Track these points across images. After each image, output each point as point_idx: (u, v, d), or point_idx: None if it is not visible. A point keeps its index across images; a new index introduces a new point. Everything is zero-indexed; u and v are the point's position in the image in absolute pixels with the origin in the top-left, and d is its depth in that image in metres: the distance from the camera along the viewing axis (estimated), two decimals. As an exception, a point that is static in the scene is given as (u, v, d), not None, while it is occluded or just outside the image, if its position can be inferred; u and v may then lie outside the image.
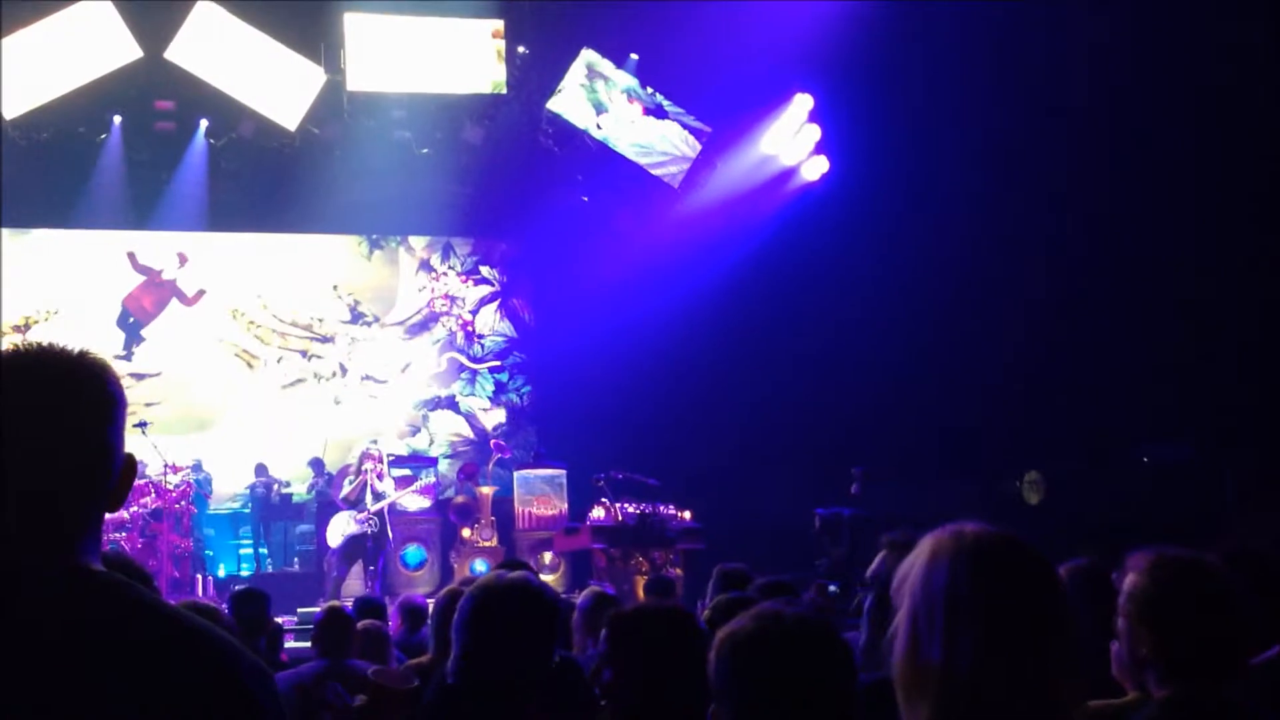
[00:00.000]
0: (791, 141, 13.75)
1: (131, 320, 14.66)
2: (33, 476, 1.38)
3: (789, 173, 13.95)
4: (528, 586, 2.56)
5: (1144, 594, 2.22)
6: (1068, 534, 9.03)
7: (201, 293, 14.84)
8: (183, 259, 14.85)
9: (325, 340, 15.20)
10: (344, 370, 15.20)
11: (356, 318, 15.37)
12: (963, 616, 1.48)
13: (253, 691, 1.39)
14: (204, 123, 13.63)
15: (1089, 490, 11.89)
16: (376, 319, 15.41)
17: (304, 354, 15.12)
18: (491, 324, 15.76)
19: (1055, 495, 12.10)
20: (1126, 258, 12.06)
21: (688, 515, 11.36)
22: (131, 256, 14.71)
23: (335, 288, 15.28)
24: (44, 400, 1.40)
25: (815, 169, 13.80)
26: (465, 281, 15.74)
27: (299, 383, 15.03)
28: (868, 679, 1.87)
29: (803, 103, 13.48)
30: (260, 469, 14.04)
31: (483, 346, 15.73)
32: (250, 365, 14.91)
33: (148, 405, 13.83)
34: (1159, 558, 2.26)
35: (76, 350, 1.45)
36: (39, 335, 13.74)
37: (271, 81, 12.70)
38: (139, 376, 14.28)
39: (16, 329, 13.96)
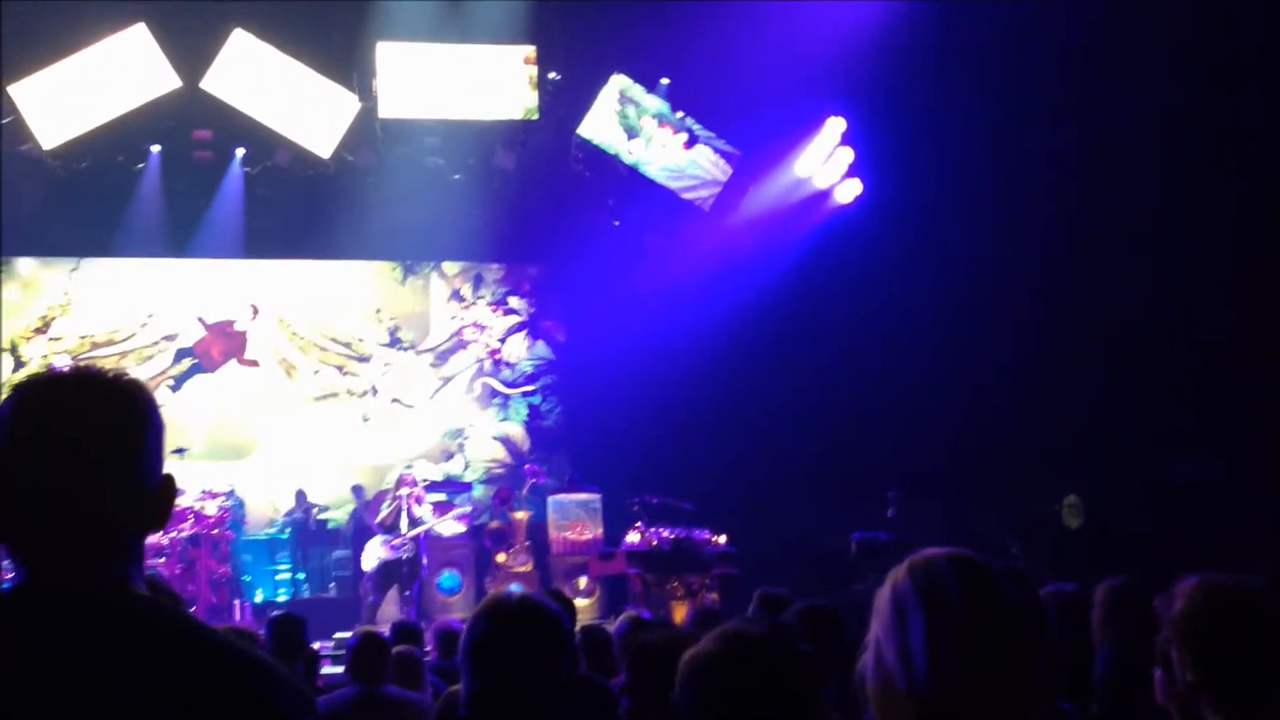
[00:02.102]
0: (824, 165, 13.72)
1: (193, 363, 14.81)
2: (73, 498, 1.39)
3: (821, 196, 13.92)
4: (531, 605, 2.44)
5: (1193, 621, 2.17)
6: (1108, 555, 8.91)
7: (254, 362, 14.99)
8: (255, 311, 14.97)
9: (362, 360, 15.30)
10: (375, 391, 15.28)
11: (394, 342, 15.46)
12: (909, 618, 1.57)
13: (291, 714, 1.39)
14: (240, 151, 13.78)
15: (1125, 511, 11.75)
16: (413, 346, 15.49)
17: (340, 369, 15.24)
18: (520, 352, 15.79)
19: (1094, 516, 11.96)
20: (1162, 276, 11.95)
21: (723, 539, 11.31)
22: (200, 320, 14.83)
23: (378, 311, 15.39)
24: (82, 421, 1.41)
25: (848, 192, 13.76)
26: (495, 311, 15.79)
27: (330, 396, 15.13)
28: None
29: (835, 125, 13.46)
30: (300, 495, 14.11)
31: (513, 371, 15.76)
32: (289, 374, 15.03)
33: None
34: (1206, 584, 2.22)
35: (112, 372, 1.47)
36: (89, 358, 13.95)
37: (306, 109, 12.82)
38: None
39: (67, 353, 14.18)
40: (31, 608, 1.37)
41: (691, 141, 13.62)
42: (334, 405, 15.14)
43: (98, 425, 1.42)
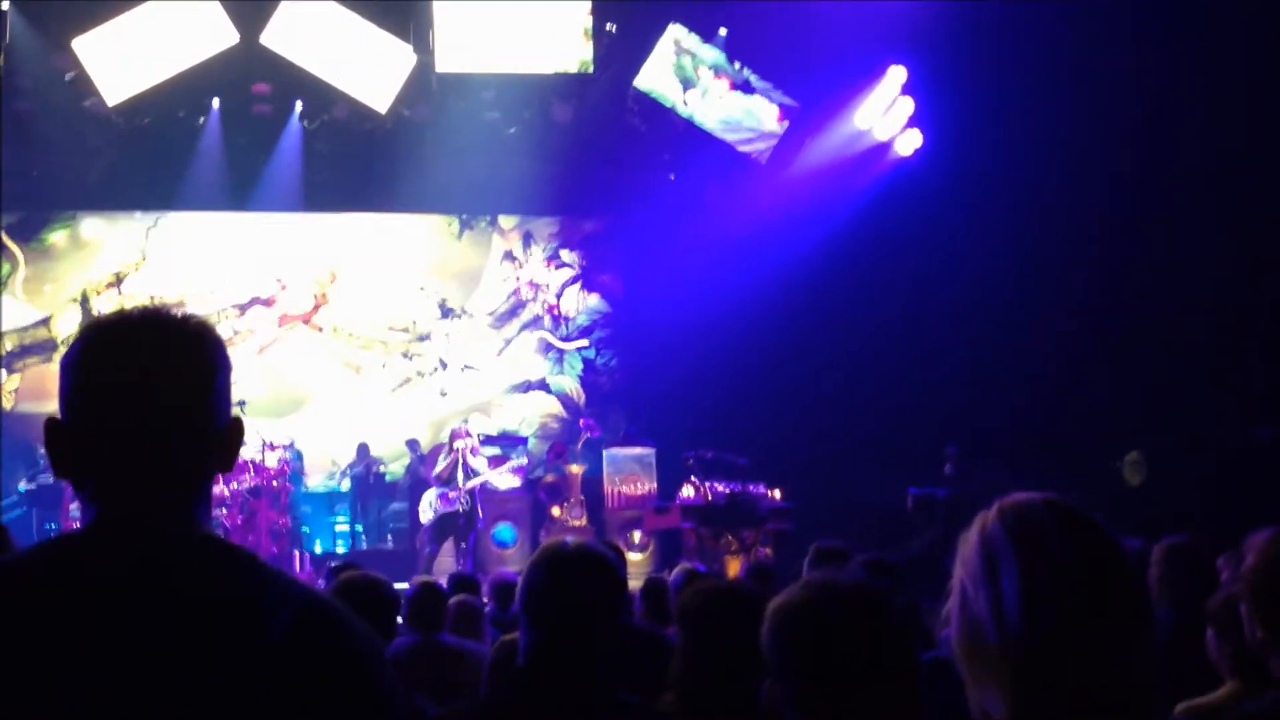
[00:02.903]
0: (884, 116, 13.51)
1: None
2: (145, 437, 1.40)
3: (881, 148, 13.71)
4: (587, 553, 2.43)
5: (1265, 574, 2.11)
6: (1171, 515, 8.77)
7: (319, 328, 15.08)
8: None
9: (423, 339, 15.38)
10: (444, 365, 15.37)
11: (446, 313, 15.50)
12: (1001, 565, 1.46)
13: (368, 658, 1.41)
14: (299, 106, 13.84)
15: (1190, 471, 11.55)
16: (465, 311, 15.51)
17: (405, 355, 15.33)
18: (577, 305, 15.80)
19: (1156, 476, 11.77)
20: (1239, 235, 11.65)
21: (778, 494, 11.29)
22: (279, 281, 15.00)
23: (422, 289, 15.40)
24: (153, 360, 1.42)
25: (908, 144, 13.54)
26: (549, 266, 15.78)
27: (405, 384, 15.26)
28: (926, 657, 1.81)
29: (896, 75, 13.23)
30: (362, 449, 14.28)
31: (569, 326, 15.77)
32: (358, 372, 15.16)
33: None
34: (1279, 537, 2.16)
35: (181, 313, 1.47)
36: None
37: (363, 64, 12.83)
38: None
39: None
40: (104, 546, 1.38)
41: (748, 92, 13.46)
42: (410, 390, 15.25)
43: (169, 364, 1.42)
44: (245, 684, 1.32)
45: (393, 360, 15.30)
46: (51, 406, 1.44)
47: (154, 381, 1.40)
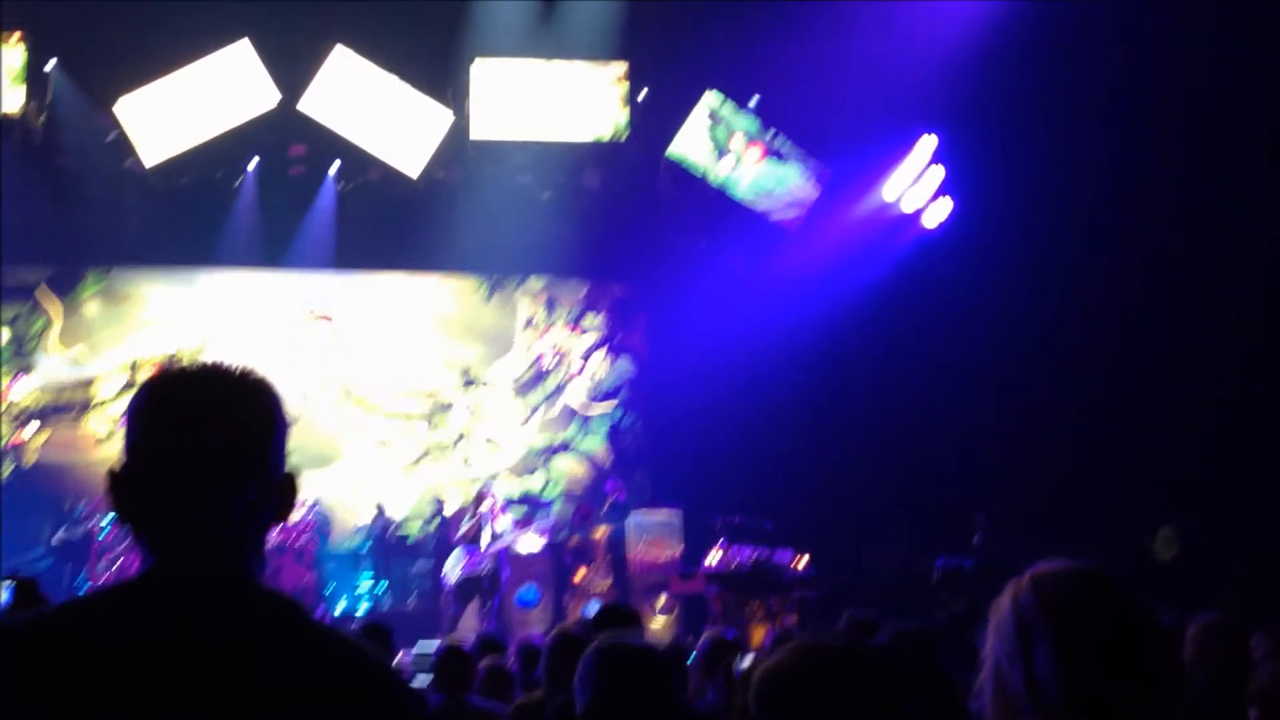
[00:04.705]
0: (914, 186, 13.57)
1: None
2: (206, 488, 1.42)
3: (910, 219, 13.77)
4: (652, 653, 2.71)
5: None
6: (1205, 590, 8.64)
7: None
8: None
9: (445, 409, 15.34)
10: (462, 438, 15.32)
11: (469, 383, 15.48)
12: (1036, 638, 1.45)
13: (415, 712, 1.45)
14: (335, 166, 14.02)
15: (1224, 544, 11.39)
16: (486, 381, 15.47)
17: (428, 422, 15.28)
18: (600, 371, 15.77)
19: (1193, 548, 11.61)
20: (1259, 308, 11.60)
21: (804, 561, 11.20)
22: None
23: (444, 359, 15.41)
24: (216, 413, 1.44)
25: (936, 216, 13.58)
26: (572, 331, 15.77)
27: (424, 456, 15.19)
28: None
29: (927, 144, 13.31)
30: (380, 509, 14.25)
31: (595, 389, 15.74)
32: (383, 445, 15.12)
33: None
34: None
35: (241, 367, 1.50)
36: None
37: (398, 128, 13.00)
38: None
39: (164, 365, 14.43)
40: (160, 596, 1.39)
41: (781, 160, 13.55)
42: (431, 465, 15.21)
43: (231, 417, 1.44)
44: None
45: (415, 430, 15.27)
46: (76, 459, 1.47)
47: (215, 434, 1.42)
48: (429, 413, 15.28)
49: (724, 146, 13.44)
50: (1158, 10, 11.06)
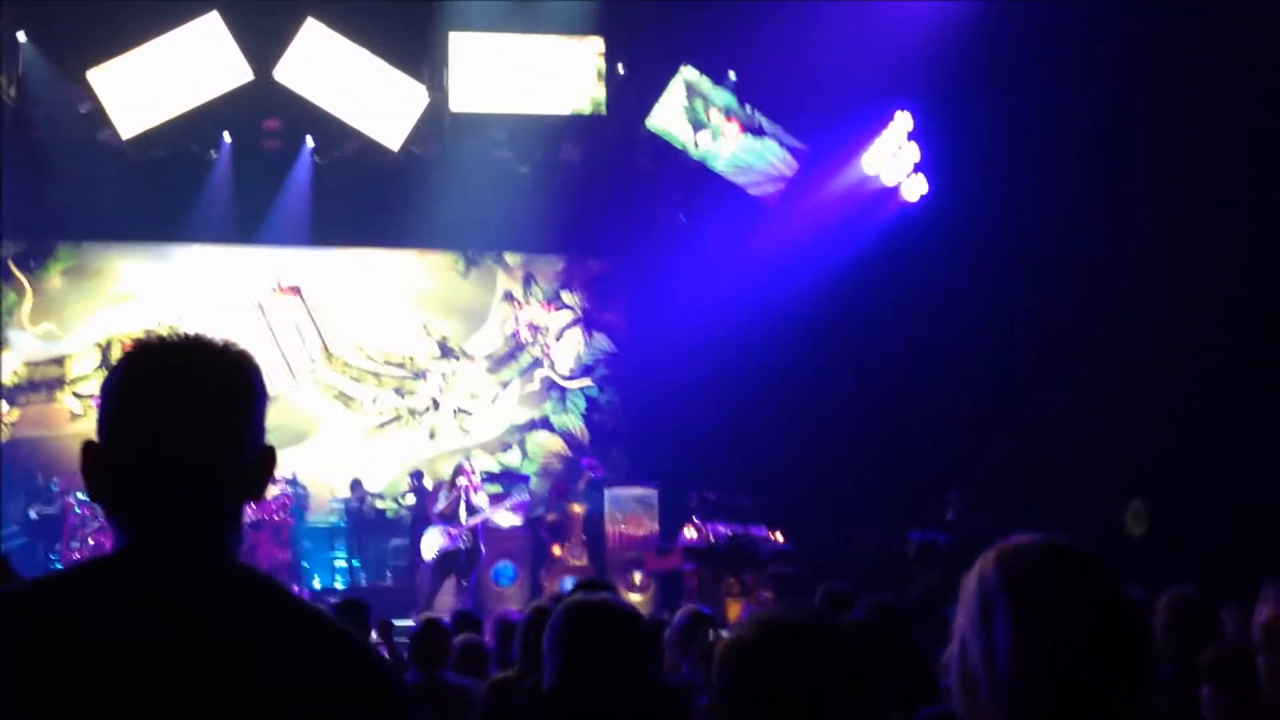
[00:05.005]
0: (891, 161, 13.58)
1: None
2: (183, 464, 1.39)
3: (887, 192, 13.78)
4: (625, 611, 2.58)
5: None
6: (1172, 565, 8.71)
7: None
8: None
9: (418, 376, 15.34)
10: (436, 405, 15.34)
11: (446, 353, 15.47)
12: (995, 609, 1.42)
13: (391, 686, 1.41)
14: (310, 141, 13.92)
15: (1193, 520, 11.47)
16: (464, 353, 15.47)
17: (398, 391, 15.28)
18: (577, 347, 15.77)
19: (1165, 524, 11.69)
20: (1239, 283, 11.66)
21: (779, 536, 11.25)
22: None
23: (425, 327, 15.38)
24: (194, 386, 1.41)
25: (914, 189, 13.61)
26: (548, 309, 15.75)
27: (393, 421, 15.19)
28: (930, 711, 1.76)
29: (903, 121, 13.32)
30: (355, 484, 14.23)
31: (571, 365, 15.75)
32: (347, 405, 15.12)
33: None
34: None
35: (220, 341, 1.47)
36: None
37: (376, 101, 12.91)
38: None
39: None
40: (135, 573, 1.37)
41: (759, 135, 13.54)
42: (398, 430, 15.21)
43: (209, 390, 1.42)
44: (272, 712, 1.31)
45: (384, 395, 15.26)
46: (49, 435, 1.45)
47: (193, 408, 1.40)
48: (402, 378, 15.28)
49: (702, 121, 13.42)
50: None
